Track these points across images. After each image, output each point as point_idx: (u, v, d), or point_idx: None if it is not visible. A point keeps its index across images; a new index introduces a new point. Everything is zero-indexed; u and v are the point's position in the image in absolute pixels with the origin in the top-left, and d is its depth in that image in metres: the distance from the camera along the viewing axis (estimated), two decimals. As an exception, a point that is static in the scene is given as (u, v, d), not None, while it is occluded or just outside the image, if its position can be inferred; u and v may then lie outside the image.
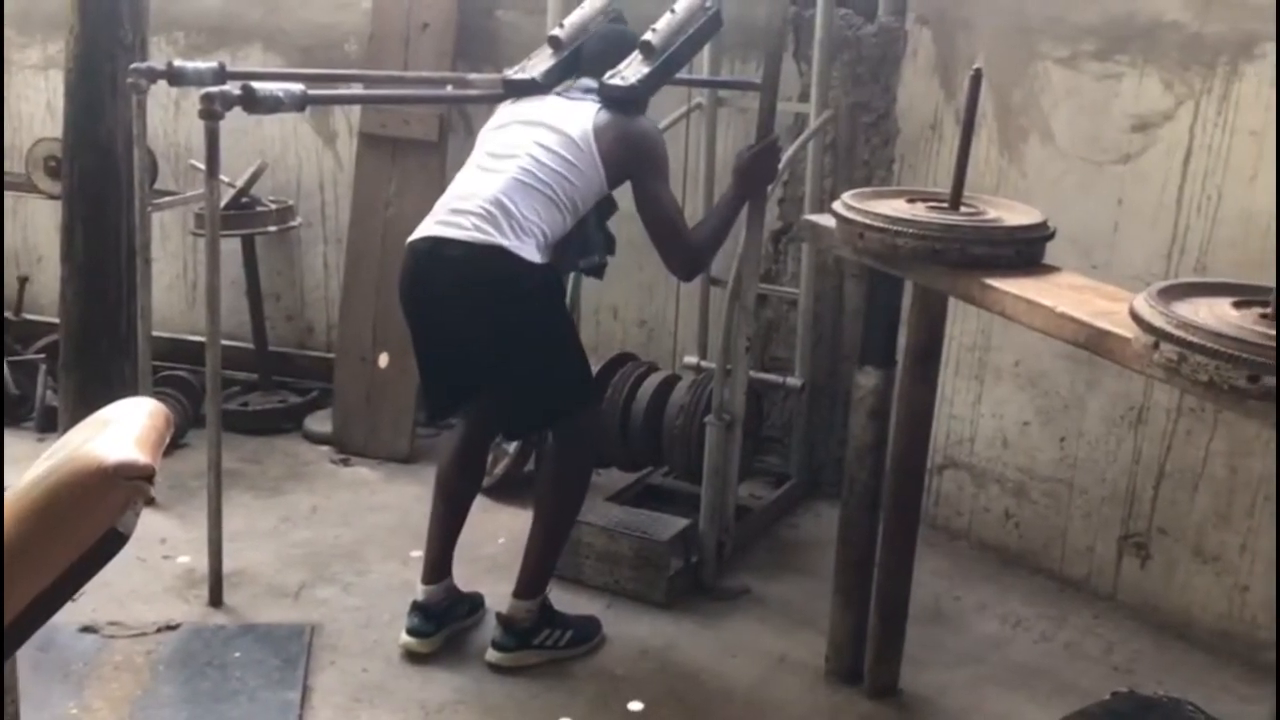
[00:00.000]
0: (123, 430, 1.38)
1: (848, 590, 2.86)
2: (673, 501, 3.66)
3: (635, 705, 2.78)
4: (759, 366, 3.81)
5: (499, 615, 2.92)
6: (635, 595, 3.23)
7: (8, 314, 4.65)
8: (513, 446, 3.85)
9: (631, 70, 2.91)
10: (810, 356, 3.86)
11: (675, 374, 3.82)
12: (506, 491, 3.79)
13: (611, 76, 2.89)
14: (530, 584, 2.95)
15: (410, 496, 3.84)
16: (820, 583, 3.20)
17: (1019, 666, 3.02)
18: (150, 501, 1.24)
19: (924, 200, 2.53)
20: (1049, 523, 3.44)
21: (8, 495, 1.37)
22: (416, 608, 2.97)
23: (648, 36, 2.94)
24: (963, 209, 2.45)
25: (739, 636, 3.10)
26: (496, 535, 3.56)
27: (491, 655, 2.90)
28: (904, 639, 2.87)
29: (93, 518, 1.31)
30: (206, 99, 2.84)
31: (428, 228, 2.79)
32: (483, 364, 2.83)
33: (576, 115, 2.85)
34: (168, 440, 1.47)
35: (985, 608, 3.30)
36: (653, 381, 3.69)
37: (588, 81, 2.96)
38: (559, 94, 2.96)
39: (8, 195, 4.55)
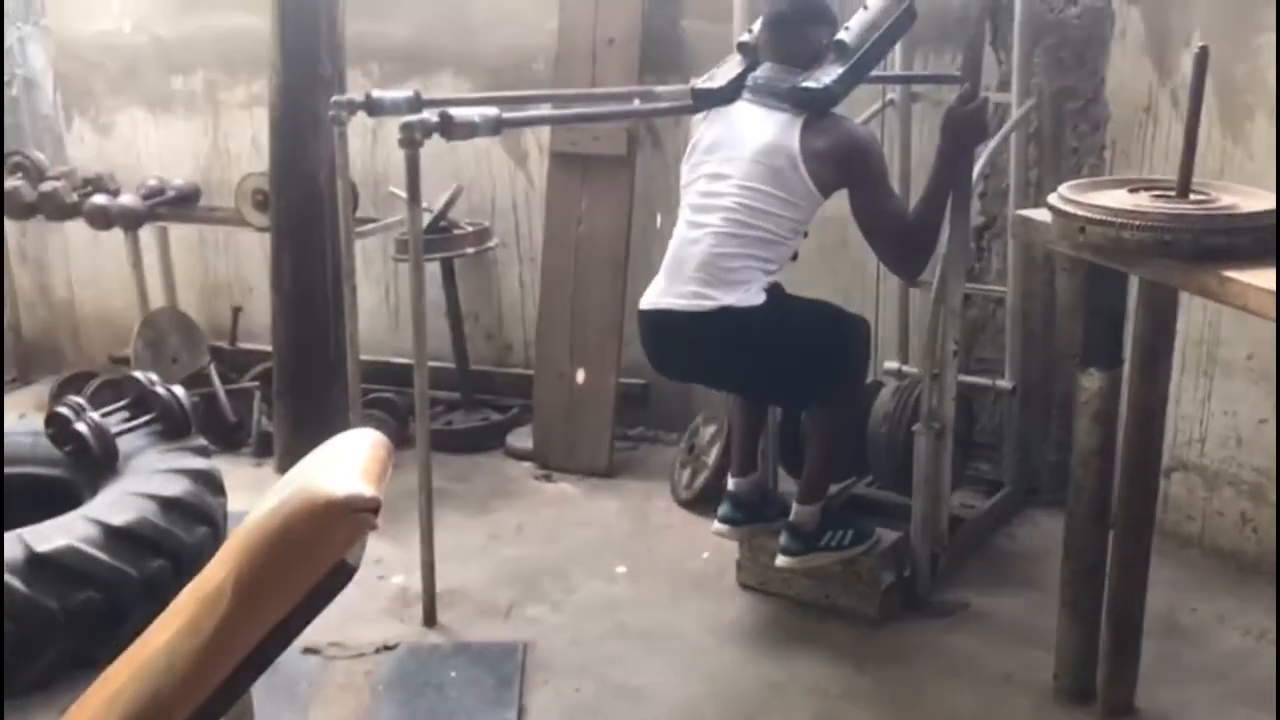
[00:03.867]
0: (348, 463, 1.39)
1: (1076, 604, 2.71)
2: (879, 512, 3.54)
3: (855, 725, 2.70)
4: (966, 369, 3.66)
5: (785, 522, 3.02)
6: (847, 611, 3.14)
7: (223, 343, 4.87)
8: (712, 458, 3.84)
9: (825, 71, 2.84)
10: (1020, 357, 3.69)
11: (877, 380, 3.72)
12: (707, 505, 3.74)
13: (805, 79, 2.82)
14: (811, 490, 3.06)
15: (610, 512, 3.84)
16: (1043, 595, 3.06)
17: (1266, 683, 2.80)
18: (374, 529, 1.25)
19: (1147, 189, 2.38)
20: (1292, 527, 3.20)
21: (243, 525, 1.40)
22: (729, 497, 3.23)
23: (841, 35, 2.87)
24: (1192, 196, 2.29)
25: (959, 654, 2.98)
26: (701, 550, 3.52)
27: (781, 560, 3.04)
28: (1139, 654, 2.71)
29: (323, 551, 1.32)
30: (406, 128, 2.89)
31: (655, 298, 2.94)
32: (734, 386, 3.21)
33: (779, 136, 2.81)
34: (390, 470, 1.48)
35: (1225, 620, 3.09)
36: (855, 389, 3.59)
37: (776, 74, 2.88)
38: (750, 99, 2.91)
39: (222, 229, 4.77)
